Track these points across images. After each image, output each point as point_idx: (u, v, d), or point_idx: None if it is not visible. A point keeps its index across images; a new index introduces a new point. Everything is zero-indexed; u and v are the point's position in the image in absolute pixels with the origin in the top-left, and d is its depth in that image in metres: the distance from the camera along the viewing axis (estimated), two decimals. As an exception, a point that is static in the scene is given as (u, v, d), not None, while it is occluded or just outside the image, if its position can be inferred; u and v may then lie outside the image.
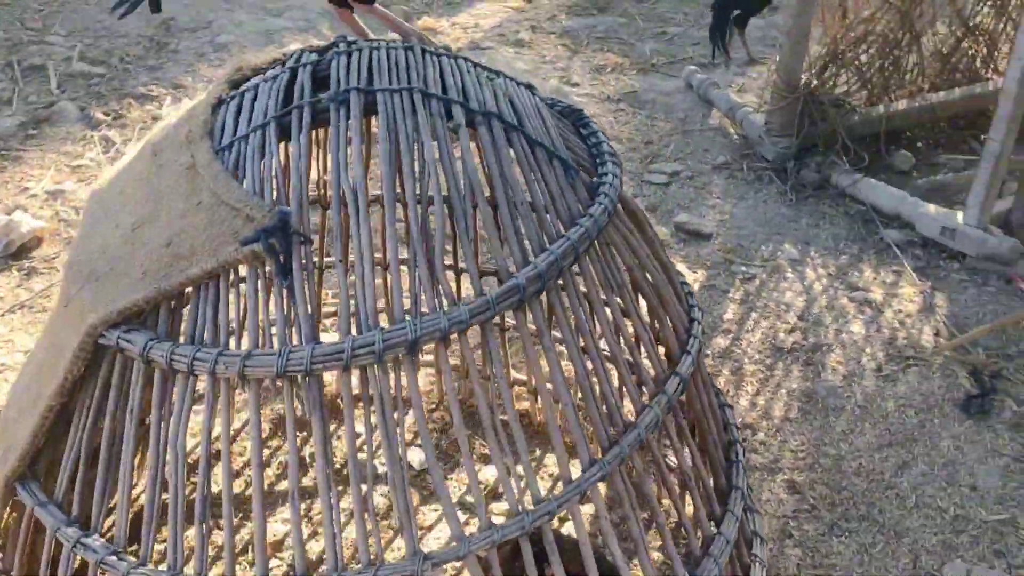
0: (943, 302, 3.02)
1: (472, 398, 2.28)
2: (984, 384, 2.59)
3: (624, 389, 1.43)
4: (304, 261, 1.21)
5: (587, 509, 1.87)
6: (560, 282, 1.28)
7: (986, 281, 3.13)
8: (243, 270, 1.27)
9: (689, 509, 1.53)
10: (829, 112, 3.78)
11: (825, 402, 2.57)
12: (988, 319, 2.94)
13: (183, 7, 4.91)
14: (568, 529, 1.85)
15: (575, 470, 1.30)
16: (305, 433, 2.13)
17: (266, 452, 2.27)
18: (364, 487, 1.21)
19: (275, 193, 1.25)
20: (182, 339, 1.26)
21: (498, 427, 1.27)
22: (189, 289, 1.27)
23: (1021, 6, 3.91)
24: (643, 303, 1.53)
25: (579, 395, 1.43)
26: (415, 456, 2.24)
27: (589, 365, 1.33)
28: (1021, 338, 2.83)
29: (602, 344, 1.40)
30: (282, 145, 1.38)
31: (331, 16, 4.93)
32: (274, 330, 1.21)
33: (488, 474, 2.19)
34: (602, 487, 1.36)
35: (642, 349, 1.46)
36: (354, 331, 1.20)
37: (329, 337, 1.23)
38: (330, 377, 2.01)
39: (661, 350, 1.51)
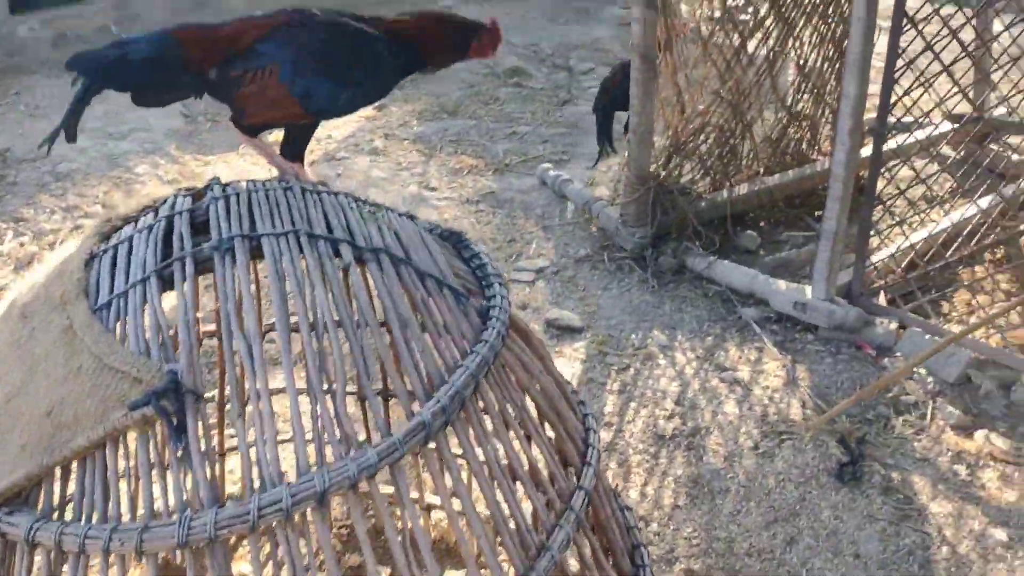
0: (804, 374, 3.18)
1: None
2: (852, 451, 2.73)
3: (533, 508, 1.43)
4: (199, 420, 1.17)
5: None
6: (463, 412, 1.29)
7: (839, 350, 3.32)
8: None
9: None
10: (678, 200, 3.98)
11: (710, 485, 2.64)
12: (845, 386, 3.12)
13: (19, 136, 4.73)
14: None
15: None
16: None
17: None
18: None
19: (162, 351, 1.21)
20: (69, 515, 1.18)
21: (412, 562, 1.24)
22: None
23: (835, 93, 4.27)
24: (540, 418, 1.54)
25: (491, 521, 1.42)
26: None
27: (497, 490, 1.33)
28: (878, 403, 3.00)
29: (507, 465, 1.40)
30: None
31: (178, 136, 4.86)
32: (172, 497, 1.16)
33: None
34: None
35: (545, 466, 1.48)
36: (257, 484, 1.17)
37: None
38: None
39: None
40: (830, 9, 4.31)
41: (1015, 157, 4.44)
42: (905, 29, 3.15)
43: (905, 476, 2.67)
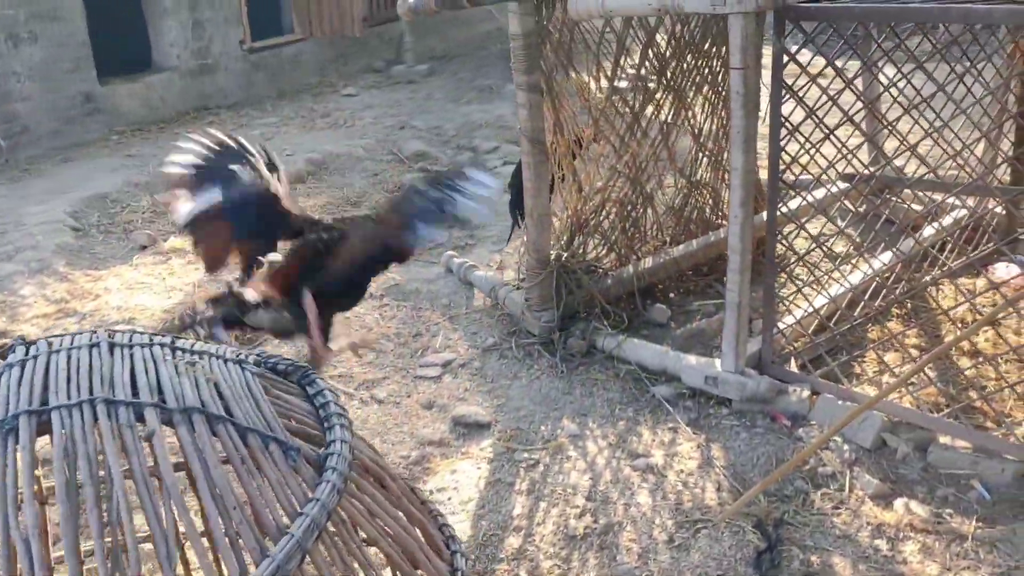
0: (719, 452, 3.09)
1: None
2: (770, 536, 2.63)
3: None
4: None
5: None
6: (290, 587, 1.15)
7: (754, 423, 3.25)
8: None
9: None
10: (583, 280, 3.92)
11: (625, 588, 2.51)
12: (761, 461, 3.04)
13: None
14: None
15: None
16: None
17: None
18: None
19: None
20: None
21: None
22: None
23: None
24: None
25: None
26: None
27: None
28: (795, 477, 2.92)
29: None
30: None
31: (68, 252, 4.67)
32: None
33: None
34: None
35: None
36: None
37: None
38: None
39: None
40: (719, 78, 4.35)
41: (914, 207, 4.49)
42: (785, 99, 3.16)
43: (825, 558, 2.57)
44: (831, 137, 3.29)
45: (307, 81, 8.25)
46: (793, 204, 3.78)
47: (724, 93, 4.39)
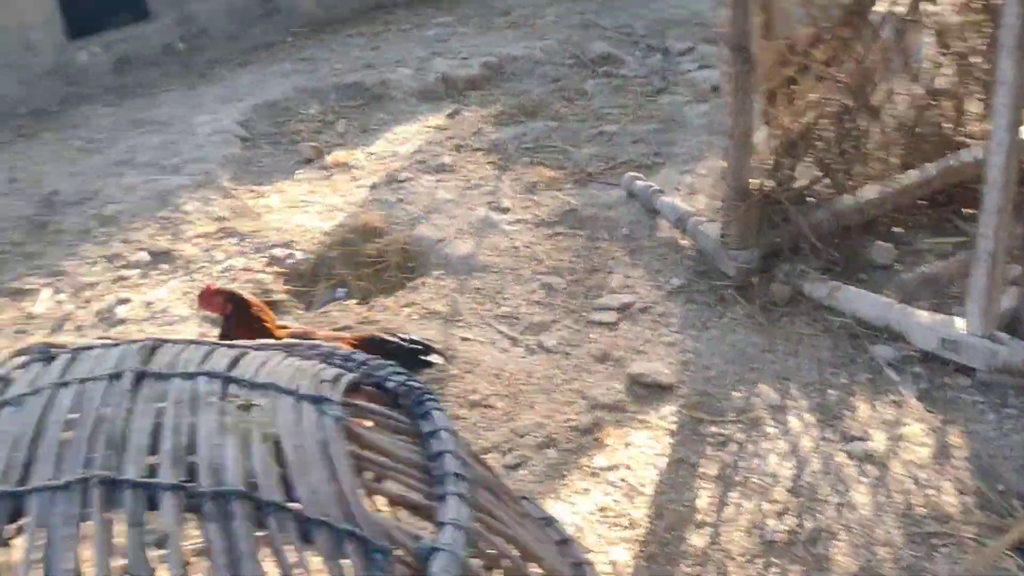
0: (959, 438, 2.50)
1: None
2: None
3: None
4: None
5: None
6: None
7: (1005, 400, 2.63)
8: None
9: None
10: (791, 212, 3.31)
11: (837, 620, 2.02)
12: (1016, 454, 2.43)
13: (68, 176, 4.45)
14: None
15: None
16: None
17: None
18: None
19: None
20: None
21: None
22: None
23: (989, 72, 3.45)
24: None
25: None
26: None
27: None
28: (1063, 479, 2.30)
29: None
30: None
31: (234, 164, 4.48)
32: None
33: None
34: None
35: None
36: None
37: None
38: None
39: None
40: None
41: None
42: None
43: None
44: None
45: (490, -26, 7.68)
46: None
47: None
